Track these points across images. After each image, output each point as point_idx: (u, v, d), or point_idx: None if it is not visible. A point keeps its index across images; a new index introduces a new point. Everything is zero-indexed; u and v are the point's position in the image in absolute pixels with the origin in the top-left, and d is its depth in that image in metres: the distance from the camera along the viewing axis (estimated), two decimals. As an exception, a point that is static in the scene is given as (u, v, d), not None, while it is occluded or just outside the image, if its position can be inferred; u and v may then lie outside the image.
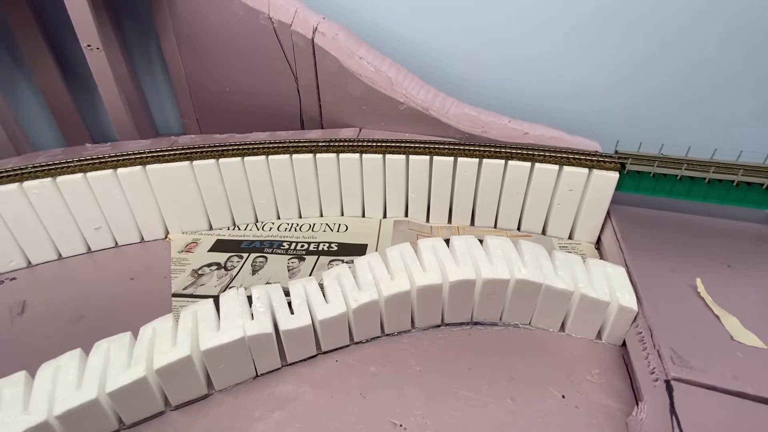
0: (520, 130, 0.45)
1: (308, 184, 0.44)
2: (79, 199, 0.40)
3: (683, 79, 0.48)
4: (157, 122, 0.62)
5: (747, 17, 0.44)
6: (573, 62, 0.50)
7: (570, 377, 0.28)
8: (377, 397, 0.27)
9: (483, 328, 0.32)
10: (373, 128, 0.50)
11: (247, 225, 0.45)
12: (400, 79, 0.48)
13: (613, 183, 0.38)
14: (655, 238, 0.36)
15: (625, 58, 0.48)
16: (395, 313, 0.31)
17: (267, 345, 0.27)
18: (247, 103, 0.54)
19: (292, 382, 0.28)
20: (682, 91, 0.49)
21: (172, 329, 0.27)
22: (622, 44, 0.48)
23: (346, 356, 0.30)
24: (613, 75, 0.50)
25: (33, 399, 0.23)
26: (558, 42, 0.49)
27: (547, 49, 0.50)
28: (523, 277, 0.30)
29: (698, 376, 0.23)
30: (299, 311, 0.29)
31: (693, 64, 0.47)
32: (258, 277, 0.38)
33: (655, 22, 0.46)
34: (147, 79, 0.60)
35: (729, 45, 0.45)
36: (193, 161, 0.41)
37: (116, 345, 0.26)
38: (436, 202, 0.44)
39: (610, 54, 0.49)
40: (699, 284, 0.29)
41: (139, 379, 0.24)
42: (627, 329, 0.29)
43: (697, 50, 0.46)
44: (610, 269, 0.31)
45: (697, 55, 0.47)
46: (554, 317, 0.31)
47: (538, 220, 0.42)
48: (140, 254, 0.42)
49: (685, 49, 0.47)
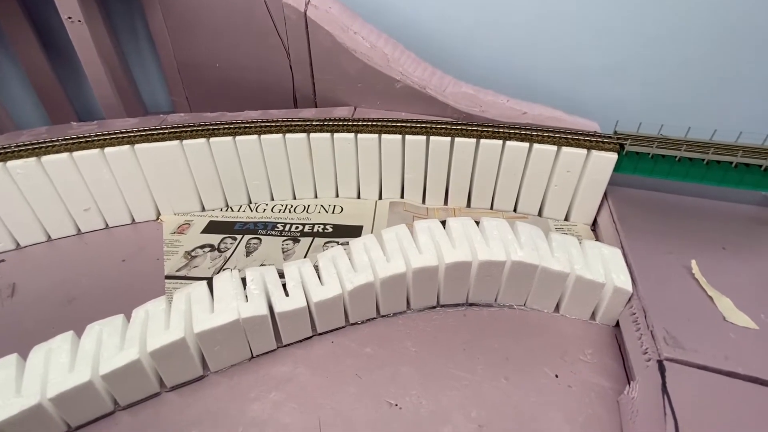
0: (519, 109, 0.44)
1: (302, 165, 0.43)
2: (65, 179, 0.39)
3: (684, 59, 0.47)
4: (145, 100, 0.61)
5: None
6: (573, 41, 0.49)
7: (564, 357, 0.28)
8: (373, 378, 0.27)
9: (478, 309, 0.32)
10: (369, 107, 0.49)
11: (241, 206, 0.45)
12: (396, 56, 0.46)
13: (611, 164, 0.37)
14: (652, 219, 0.36)
15: (626, 38, 0.47)
16: (391, 295, 0.31)
17: (262, 327, 0.27)
18: (238, 81, 0.53)
19: (288, 363, 0.28)
20: (682, 71, 0.48)
21: (165, 312, 0.27)
22: (622, 24, 0.46)
23: (342, 337, 0.30)
24: (613, 55, 0.49)
25: (25, 382, 0.23)
26: (559, 21, 0.48)
27: (547, 27, 0.48)
28: (519, 258, 0.29)
29: (690, 356, 0.23)
30: (294, 293, 0.28)
31: (694, 44, 0.46)
32: (252, 259, 0.37)
33: (655, 2, 0.45)
34: (133, 55, 0.58)
35: (731, 26, 0.44)
36: (183, 140, 0.40)
37: (109, 327, 0.26)
38: (433, 184, 0.43)
39: (611, 34, 0.47)
40: (693, 266, 0.30)
41: (133, 362, 0.24)
42: (621, 310, 0.30)
43: (699, 30, 0.45)
44: (605, 251, 0.31)
45: (699, 35, 0.46)
46: (549, 298, 0.31)
47: (535, 201, 0.42)
48: (132, 236, 0.41)
49: (686, 30, 0.45)
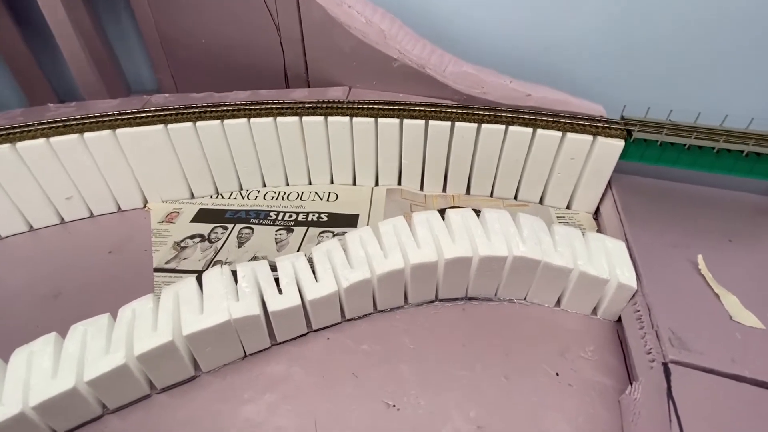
0: (522, 91, 0.42)
1: (295, 150, 0.41)
2: (44, 166, 0.36)
3: (692, 39, 0.45)
4: (129, 78, 0.57)
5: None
6: (578, 19, 0.46)
7: (564, 354, 0.28)
8: (370, 377, 0.26)
9: (477, 304, 0.31)
10: (364, 87, 0.47)
11: (231, 193, 0.43)
12: (393, 32, 0.44)
13: (617, 151, 0.36)
14: (657, 210, 0.35)
15: (632, 17, 0.45)
16: (388, 291, 0.30)
17: (255, 326, 0.26)
18: (226, 58, 0.50)
19: (283, 362, 0.27)
20: (691, 51, 0.46)
21: (153, 311, 0.25)
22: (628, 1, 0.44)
23: (338, 334, 0.29)
24: (619, 34, 0.46)
25: (6, 389, 0.22)
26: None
27: (553, 4, 0.45)
28: (521, 254, 0.28)
29: (696, 358, 0.23)
30: (288, 290, 0.27)
31: (703, 24, 0.44)
32: (244, 250, 0.36)
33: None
34: (114, 30, 0.54)
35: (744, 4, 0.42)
36: (168, 124, 0.38)
37: (93, 328, 0.25)
38: (431, 170, 0.42)
39: (616, 10, 0.45)
40: (700, 261, 0.29)
41: (119, 366, 0.23)
42: (624, 306, 0.29)
43: (709, 9, 0.43)
44: (609, 244, 0.30)
45: (708, 14, 0.43)
46: (551, 293, 0.31)
47: (537, 189, 0.40)
48: (118, 225, 0.40)
49: (694, 8, 0.43)
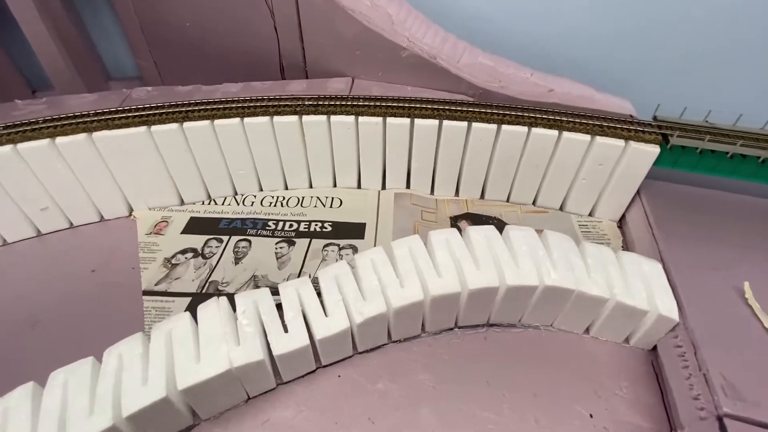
0: (544, 86, 0.38)
1: (294, 152, 0.37)
2: (12, 175, 0.32)
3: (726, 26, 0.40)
4: (108, 65, 0.52)
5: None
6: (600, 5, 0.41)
7: (598, 392, 0.26)
8: (387, 423, 0.24)
9: (500, 331, 0.29)
10: (369, 79, 0.42)
11: (225, 199, 0.39)
12: (402, 17, 0.39)
13: (651, 158, 0.32)
14: (691, 222, 0.32)
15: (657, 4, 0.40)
16: (405, 322, 0.27)
17: (258, 371, 0.24)
18: (214, 44, 0.45)
19: (290, 405, 0.25)
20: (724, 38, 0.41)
21: (142, 357, 0.22)
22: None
23: (350, 370, 0.27)
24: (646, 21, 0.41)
25: (-23, 458, 0.19)
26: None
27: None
28: (553, 283, 0.26)
29: (753, 411, 0.20)
30: (294, 327, 0.24)
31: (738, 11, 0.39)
32: (242, 268, 0.33)
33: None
34: (87, 11, 0.48)
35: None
36: (152, 126, 0.34)
37: (75, 379, 0.22)
38: (443, 172, 0.38)
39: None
40: (747, 289, 0.26)
41: (106, 430, 0.20)
42: (661, 337, 0.27)
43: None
44: (645, 267, 0.28)
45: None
46: (581, 321, 0.28)
47: (558, 194, 0.37)
48: (101, 237, 0.36)
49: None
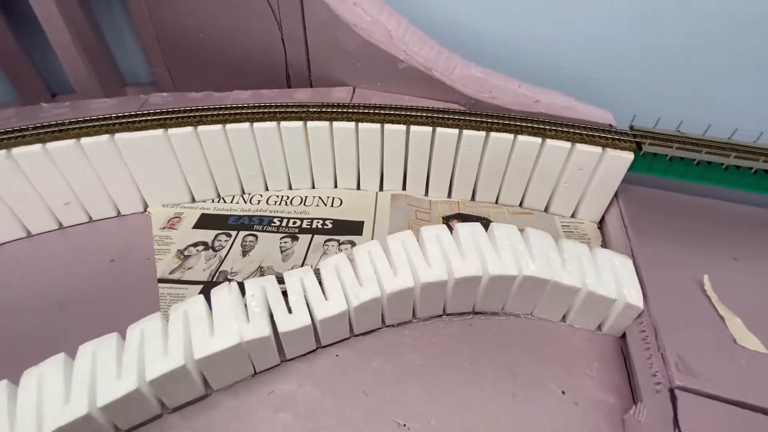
0: (531, 96, 0.41)
1: (298, 154, 0.40)
2: (40, 172, 0.35)
3: (703, 46, 0.44)
4: (123, 71, 0.55)
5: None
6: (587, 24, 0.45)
7: (570, 372, 0.28)
8: (380, 396, 0.27)
9: (485, 318, 0.32)
10: (369, 88, 0.46)
11: (233, 197, 0.42)
12: (400, 32, 0.42)
13: (626, 164, 0.35)
14: (662, 224, 0.35)
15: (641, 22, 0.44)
16: (397, 308, 0.30)
17: (265, 347, 0.26)
18: (225, 54, 0.48)
19: (293, 380, 0.28)
20: (700, 59, 0.45)
21: (162, 332, 0.25)
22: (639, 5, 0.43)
23: (347, 350, 0.29)
24: (628, 38, 0.45)
25: (19, 415, 0.22)
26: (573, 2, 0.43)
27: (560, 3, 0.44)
28: (531, 273, 0.28)
29: (702, 384, 0.23)
30: (297, 309, 0.27)
31: (714, 30, 0.43)
32: (249, 260, 0.36)
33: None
34: (106, 21, 0.51)
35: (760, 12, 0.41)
36: (168, 129, 0.37)
37: (103, 351, 0.25)
38: (437, 176, 0.41)
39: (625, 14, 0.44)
40: (706, 281, 0.29)
41: (132, 392, 0.23)
42: (629, 324, 0.29)
43: (720, 15, 0.42)
44: (617, 261, 0.30)
45: (720, 21, 0.42)
46: (557, 309, 0.31)
47: (543, 197, 0.40)
48: (118, 231, 0.39)
49: (706, 14, 0.42)
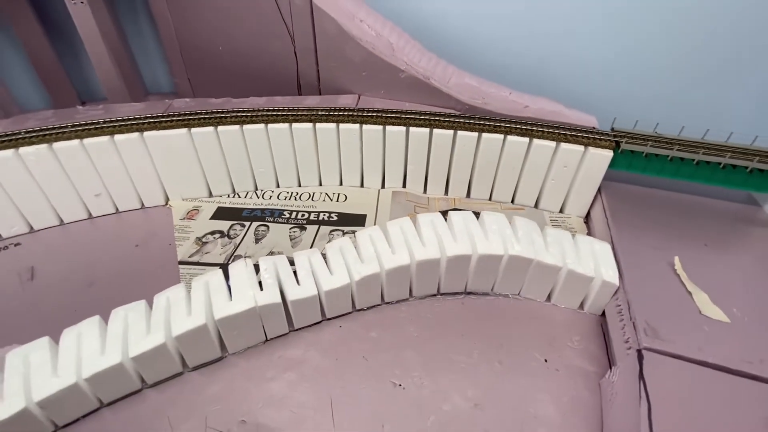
0: (521, 102, 0.45)
1: (308, 154, 0.44)
2: (76, 165, 0.39)
3: (684, 55, 0.48)
4: (146, 80, 0.60)
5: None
6: (574, 34, 0.49)
7: (553, 343, 0.31)
8: (378, 360, 0.29)
9: (476, 298, 0.34)
10: (373, 96, 0.50)
11: (247, 193, 0.46)
12: (401, 45, 0.47)
13: (606, 161, 0.39)
14: (641, 215, 0.38)
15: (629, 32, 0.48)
16: (395, 284, 0.33)
17: (276, 313, 0.29)
18: (242, 65, 0.53)
19: (300, 346, 0.30)
20: (682, 66, 0.49)
21: (186, 299, 0.28)
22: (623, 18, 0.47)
23: (349, 322, 0.32)
24: (613, 48, 0.49)
25: (60, 363, 0.25)
26: (562, 14, 0.48)
27: (551, 19, 0.49)
28: (516, 253, 0.31)
29: (667, 346, 0.26)
30: (305, 282, 0.30)
31: (692, 41, 0.47)
32: (261, 246, 0.39)
33: None
34: (134, 35, 0.57)
35: (731, 24, 0.45)
36: (192, 128, 0.41)
37: (133, 313, 0.28)
38: (434, 174, 0.45)
39: (613, 27, 0.48)
40: (676, 262, 0.32)
41: (160, 345, 0.26)
42: (608, 301, 0.32)
43: (698, 27, 0.46)
44: (596, 246, 0.33)
45: (697, 32, 0.46)
46: (542, 289, 0.34)
47: (532, 193, 0.44)
48: (142, 221, 0.43)
49: (684, 26, 0.46)
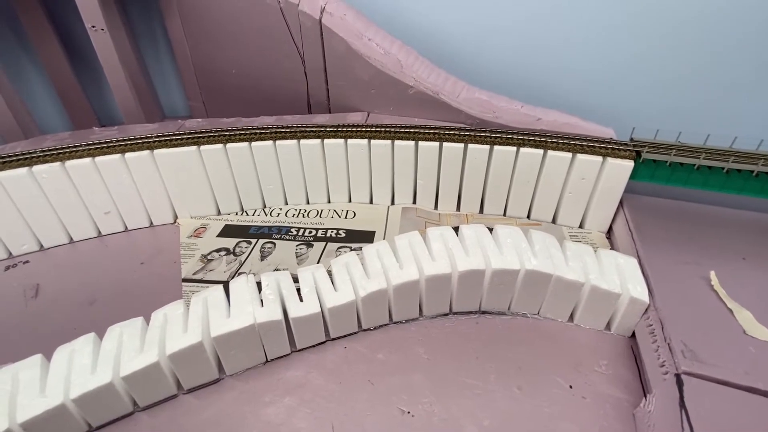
0: (533, 115, 0.44)
1: (316, 170, 0.44)
2: (88, 183, 0.40)
3: (703, 64, 0.46)
4: (163, 105, 0.62)
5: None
6: (587, 47, 0.48)
7: (578, 368, 0.28)
8: (385, 384, 0.27)
9: (491, 318, 0.32)
10: (382, 113, 0.50)
11: (255, 210, 0.45)
12: (410, 62, 0.47)
13: (627, 172, 0.37)
14: (669, 228, 0.35)
15: (643, 42, 0.47)
16: (403, 302, 0.31)
17: (277, 332, 0.28)
18: (254, 86, 0.54)
19: (301, 368, 0.28)
20: (701, 75, 0.47)
21: (183, 315, 0.27)
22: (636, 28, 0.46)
23: (355, 343, 0.30)
24: (629, 60, 0.48)
25: (49, 382, 0.24)
26: (572, 26, 0.47)
27: (561, 32, 0.48)
28: (533, 267, 0.29)
29: (709, 370, 0.23)
30: (308, 299, 0.29)
31: (713, 48, 0.45)
32: (267, 263, 0.38)
33: (672, 6, 0.44)
34: (152, 60, 0.59)
35: (752, 29, 0.43)
36: (201, 146, 0.41)
37: (129, 330, 0.27)
38: (445, 190, 0.43)
39: (626, 38, 0.47)
40: (713, 277, 0.29)
41: (152, 364, 0.24)
42: (637, 321, 0.29)
43: (718, 34, 0.44)
44: (621, 260, 0.31)
45: (718, 39, 0.45)
46: (564, 308, 0.31)
47: (549, 208, 0.42)
48: (150, 239, 0.42)
49: (704, 33, 0.45)
